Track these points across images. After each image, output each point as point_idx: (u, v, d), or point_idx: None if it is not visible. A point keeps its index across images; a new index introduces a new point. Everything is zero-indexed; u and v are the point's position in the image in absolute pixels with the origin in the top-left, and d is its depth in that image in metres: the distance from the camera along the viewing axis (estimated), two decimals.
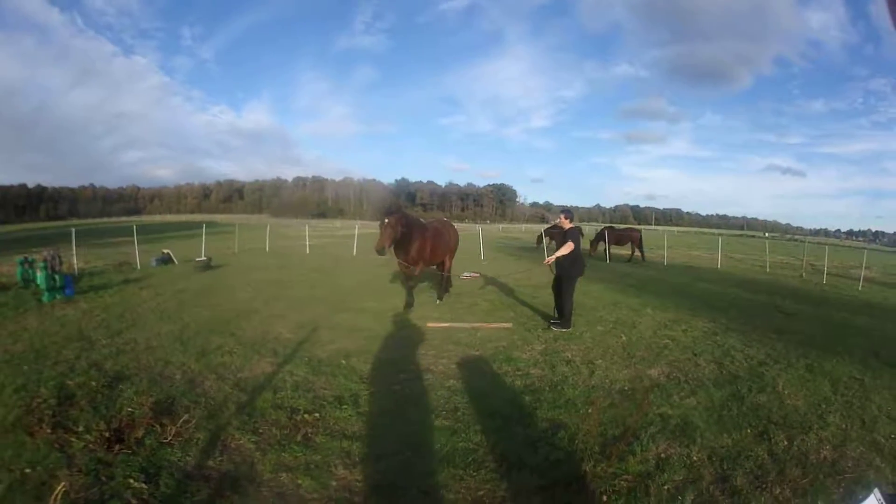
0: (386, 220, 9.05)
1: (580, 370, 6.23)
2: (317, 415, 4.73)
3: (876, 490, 1.55)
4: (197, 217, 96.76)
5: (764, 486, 3.66)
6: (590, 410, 4.76)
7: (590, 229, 41.56)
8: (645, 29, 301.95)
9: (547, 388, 5.55)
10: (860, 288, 19.03)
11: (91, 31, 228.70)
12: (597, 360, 6.66)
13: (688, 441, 4.29)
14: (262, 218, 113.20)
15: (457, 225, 12.93)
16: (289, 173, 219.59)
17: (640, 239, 25.02)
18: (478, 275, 15.13)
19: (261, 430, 4.38)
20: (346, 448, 4.12)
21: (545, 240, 23.52)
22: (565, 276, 8.45)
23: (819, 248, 40.41)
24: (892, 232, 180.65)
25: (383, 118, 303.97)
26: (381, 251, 8.96)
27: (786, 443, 4.39)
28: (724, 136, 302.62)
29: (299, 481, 3.63)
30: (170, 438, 4.10)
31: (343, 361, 6.39)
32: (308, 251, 25.37)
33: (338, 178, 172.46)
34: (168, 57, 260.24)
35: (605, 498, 3.36)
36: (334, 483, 3.61)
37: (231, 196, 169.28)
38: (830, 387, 6.00)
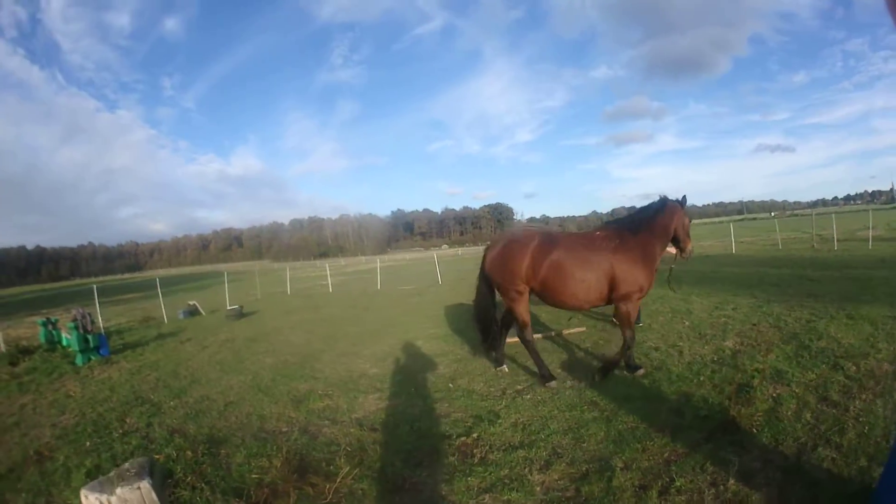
0: None
1: (670, 353, 7.95)
2: (474, 435, 5.38)
3: None
4: (199, 269, 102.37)
5: (852, 395, 5.58)
6: (701, 379, 6.54)
7: None
8: (618, 29, 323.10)
9: (654, 371, 7.11)
10: (871, 247, 23.21)
11: (73, 87, 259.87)
12: (678, 343, 8.45)
13: (786, 381, 6.14)
14: (264, 264, 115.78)
15: (458, 250, 14.67)
16: (284, 216, 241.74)
17: None
18: None
19: (426, 463, 4.84)
20: (527, 455, 4.86)
21: None
22: None
23: (823, 218, 45.45)
24: (887, 189, 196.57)
25: (372, 150, 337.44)
26: None
27: (854, 368, 6.38)
28: (711, 124, 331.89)
29: (505, 497, 4.18)
30: (329, 497, 4.27)
31: (451, 385, 7.35)
32: (331, 290, 27.06)
33: (334, 216, 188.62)
34: (151, 109, 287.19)
35: (755, 430, 4.93)
36: (538, 488, 4.27)
37: (230, 244, 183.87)
38: (871, 326, 8.23)
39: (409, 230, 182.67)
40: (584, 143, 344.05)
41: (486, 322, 7.95)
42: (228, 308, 18.52)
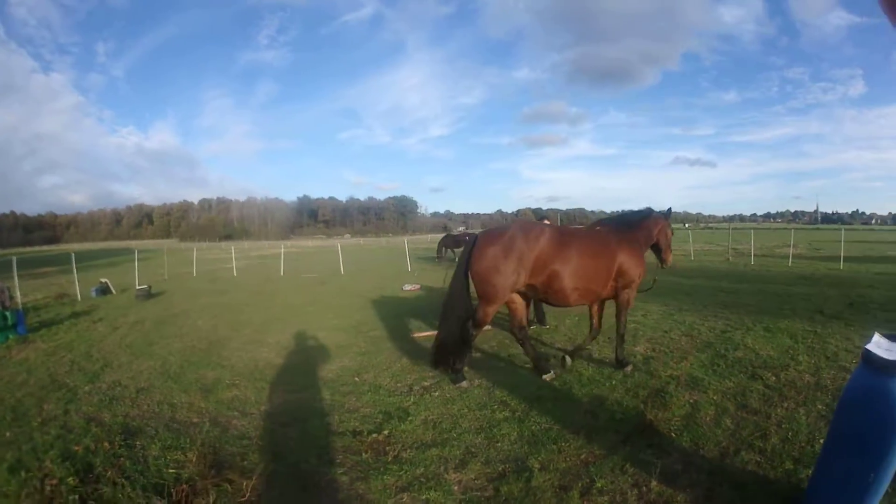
0: None
1: (579, 356, 7.93)
2: (385, 432, 5.37)
3: (876, 334, 3.53)
4: (112, 244, 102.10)
5: (773, 403, 5.84)
6: (613, 383, 6.71)
7: None
8: (547, 33, 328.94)
9: (565, 372, 7.24)
10: (790, 263, 24.65)
11: (13, 44, 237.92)
12: (587, 346, 8.44)
13: (702, 389, 6.35)
14: (172, 243, 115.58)
15: (360, 240, 14.86)
16: (194, 195, 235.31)
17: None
18: (418, 287, 17.72)
19: (340, 461, 4.79)
20: (441, 454, 4.86)
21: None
22: None
23: (740, 233, 48.16)
24: (812, 210, 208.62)
25: (284, 134, 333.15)
26: None
27: (774, 378, 6.70)
28: (629, 133, 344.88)
29: (423, 496, 4.16)
30: (247, 495, 4.11)
31: (357, 379, 7.38)
32: (236, 273, 27.24)
33: (241, 198, 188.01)
34: (82, 75, 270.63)
35: (673, 434, 5.09)
36: (455, 487, 4.28)
37: (141, 221, 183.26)
38: (790, 339, 8.70)
39: (313, 217, 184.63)
40: (497, 142, 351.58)
41: (464, 329, 6.96)
42: (138, 288, 18.56)
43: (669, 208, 8.17)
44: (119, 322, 12.83)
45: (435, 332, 7.83)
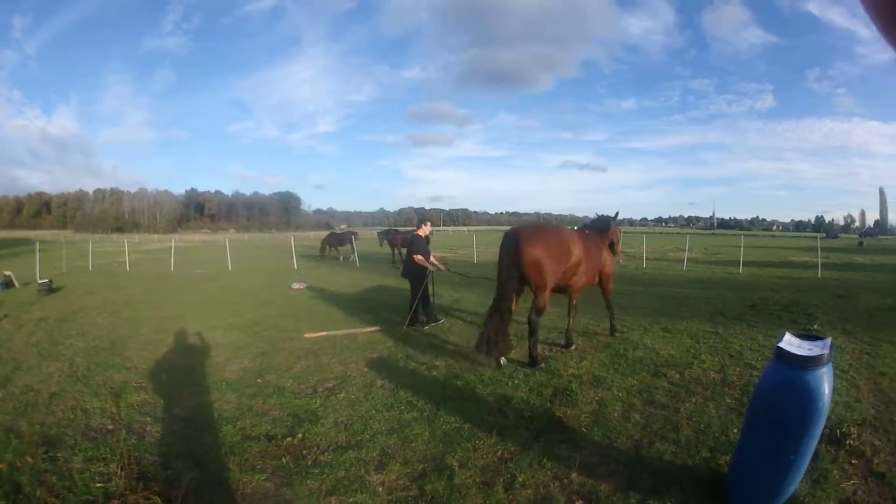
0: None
1: (477, 356, 8.29)
2: (299, 436, 5.44)
3: (787, 333, 4.07)
4: (12, 234, 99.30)
5: (680, 398, 6.40)
6: (516, 382, 7.10)
7: (373, 234, 47.73)
8: (443, 33, 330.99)
9: (466, 373, 7.57)
10: (685, 268, 26.21)
11: None
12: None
13: (606, 386, 6.87)
14: (67, 234, 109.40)
15: (245, 236, 14.97)
16: (90, 184, 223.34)
17: (353, 240, 31.75)
18: (305, 285, 17.95)
19: (259, 466, 4.82)
20: (358, 456, 4.98)
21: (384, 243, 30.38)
22: (418, 278, 10.81)
23: (631, 237, 49.95)
24: (707, 217, 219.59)
25: (177, 124, 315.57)
26: None
27: (678, 376, 7.29)
28: (518, 136, 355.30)
29: (351, 499, 4.28)
30: None
31: (259, 380, 7.45)
32: (129, 268, 26.69)
33: (133, 189, 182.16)
34: None
35: (584, 429, 5.49)
36: (380, 489, 4.42)
37: (40, 210, 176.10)
38: (691, 340, 9.47)
39: (199, 211, 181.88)
40: (383, 140, 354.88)
41: (506, 318, 7.99)
42: (39, 282, 17.99)
43: (617, 213, 10.55)
44: (24, 319, 12.45)
45: (325, 333, 9.80)
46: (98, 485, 4.43)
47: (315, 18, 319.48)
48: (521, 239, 7.92)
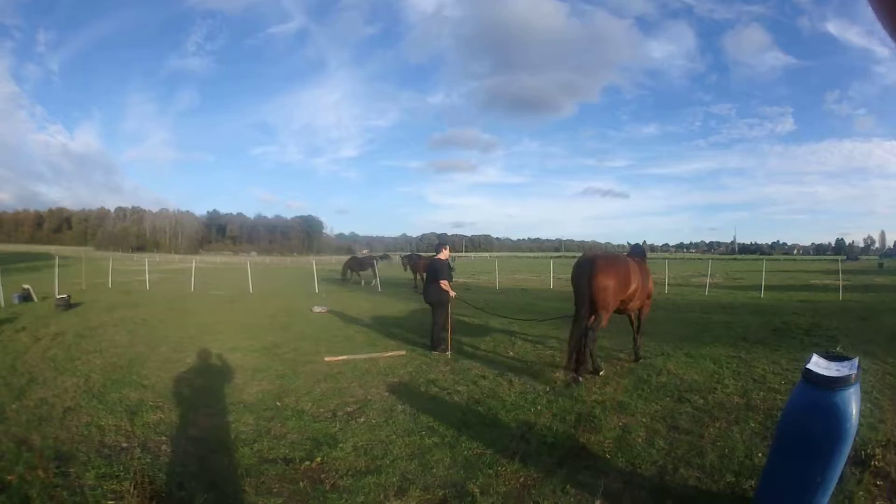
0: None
1: (500, 382, 8.46)
2: (318, 459, 5.39)
3: (814, 354, 4.09)
4: (33, 248, 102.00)
5: (704, 423, 6.29)
6: (539, 408, 7.03)
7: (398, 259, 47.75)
8: (467, 61, 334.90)
9: (487, 398, 7.55)
10: (707, 293, 26.36)
11: None
12: (506, 373, 9.00)
13: (630, 412, 6.79)
14: (88, 251, 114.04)
15: (266, 259, 15.11)
16: (110, 202, 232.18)
17: (375, 265, 32.02)
18: (326, 309, 18.01)
19: (276, 489, 4.79)
20: (377, 481, 4.93)
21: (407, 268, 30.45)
22: (441, 303, 10.87)
23: (653, 263, 49.67)
24: (728, 241, 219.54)
25: (200, 145, 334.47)
26: None
27: (702, 401, 7.19)
28: (541, 162, 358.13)
29: None
30: None
31: (278, 403, 7.40)
32: (148, 287, 27.30)
33: (154, 208, 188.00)
34: (21, 63, 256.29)
35: (608, 455, 5.43)
36: None
37: (61, 226, 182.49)
38: (714, 365, 9.36)
39: (221, 232, 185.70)
40: (406, 165, 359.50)
41: (589, 336, 8.85)
42: (57, 297, 18.34)
43: (644, 241, 10.70)
44: (41, 333, 12.65)
45: (346, 357, 10.01)
46: (110, 502, 4.46)
47: (340, 43, 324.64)
48: (595, 267, 8.85)
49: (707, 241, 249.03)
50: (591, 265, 8.90)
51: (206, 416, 6.84)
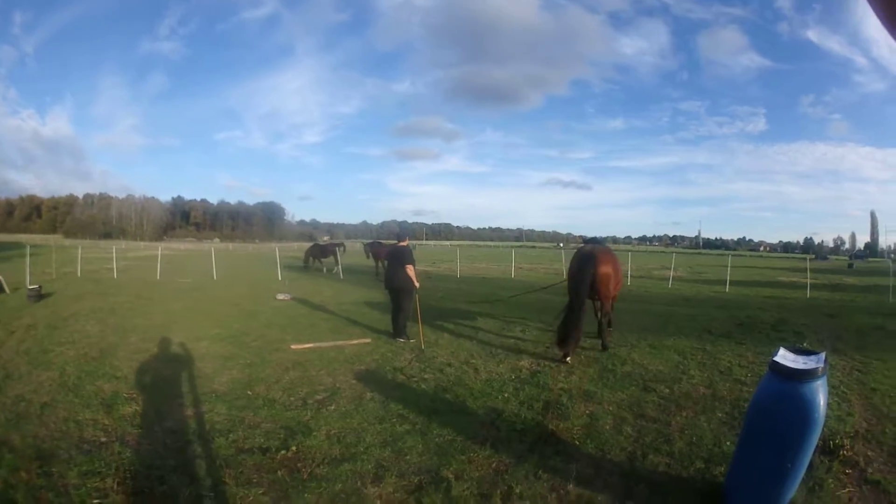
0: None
1: (465, 370, 8.67)
2: (293, 448, 5.41)
3: (781, 348, 4.27)
4: (3, 237, 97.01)
5: (671, 412, 6.54)
6: (506, 395, 7.25)
7: (358, 245, 48.07)
8: (436, 50, 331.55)
9: (454, 386, 7.72)
10: (670, 285, 26.83)
11: None
12: (471, 360, 9.27)
13: (597, 401, 7.03)
14: (57, 239, 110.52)
15: (229, 245, 15.15)
16: (79, 189, 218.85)
17: (337, 252, 31.94)
18: (290, 296, 18.17)
19: (255, 480, 4.80)
20: (354, 469, 4.99)
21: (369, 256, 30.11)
22: (406, 289, 11.03)
23: (616, 255, 50.64)
24: (692, 236, 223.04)
25: (167, 130, 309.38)
26: None
27: (668, 391, 7.44)
28: (503, 153, 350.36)
29: None
30: None
31: (249, 392, 7.40)
32: (116, 275, 26.74)
33: (121, 195, 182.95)
34: None
35: (577, 442, 5.62)
36: (378, 502, 4.46)
37: (31, 214, 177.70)
38: (678, 356, 9.66)
39: (185, 219, 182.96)
40: (369, 153, 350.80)
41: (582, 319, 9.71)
42: (29, 288, 18.01)
43: (598, 235, 11.42)
44: (14, 325, 12.42)
45: (312, 345, 10.32)
46: (95, 501, 4.41)
47: (310, 29, 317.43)
48: (598, 258, 9.86)
49: (671, 235, 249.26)
50: (593, 257, 9.81)
51: (180, 407, 6.81)
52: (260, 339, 11.01)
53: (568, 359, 9.28)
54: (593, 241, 11.84)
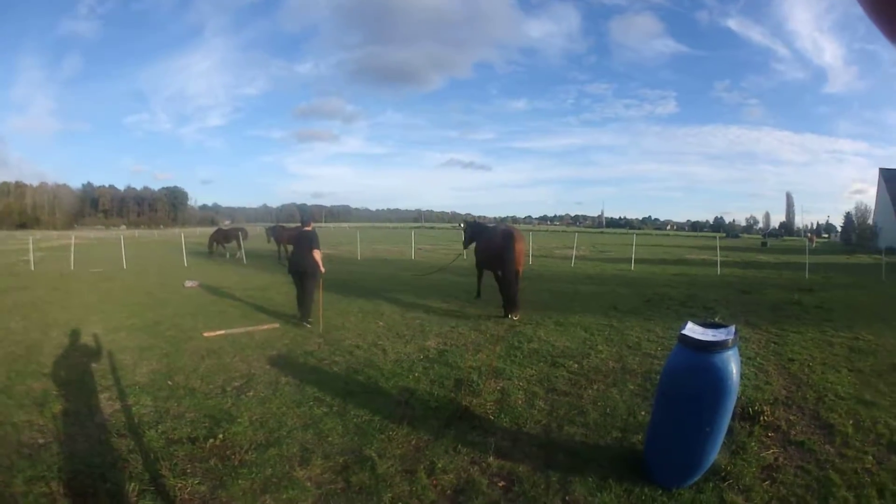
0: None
1: (374, 351, 8.98)
2: (220, 436, 5.46)
3: (689, 322, 4.63)
4: None
5: (582, 386, 7.05)
6: (416, 374, 7.63)
7: (260, 230, 48.27)
8: (340, 31, 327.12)
9: (365, 368, 7.99)
10: (573, 264, 27.54)
11: None
12: (378, 342, 9.58)
13: (506, 377, 7.48)
14: None
15: (135, 232, 14.99)
16: None
17: (240, 237, 31.66)
18: (198, 283, 18.14)
19: (190, 470, 4.87)
20: (280, 453, 5.16)
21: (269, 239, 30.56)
22: (313, 273, 11.23)
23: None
24: (595, 216, 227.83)
25: (79, 115, 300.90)
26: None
27: (577, 366, 7.95)
28: (402, 133, 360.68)
29: (284, 496, 4.45)
30: None
31: (170, 382, 7.43)
32: (33, 267, 25.82)
33: (35, 182, 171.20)
34: None
35: (491, 417, 5.99)
36: (308, 484, 4.61)
37: None
38: (585, 332, 10.21)
39: (94, 206, 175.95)
40: (270, 135, 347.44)
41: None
42: None
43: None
44: None
45: (224, 332, 10.44)
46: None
47: (220, 8, 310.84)
48: (514, 237, 12.16)
49: (573, 215, 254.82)
50: (511, 236, 12.18)
51: (107, 402, 6.77)
52: (173, 327, 10.95)
53: (517, 317, 11.55)
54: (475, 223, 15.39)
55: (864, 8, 0.68)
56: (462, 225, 15.73)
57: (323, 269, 11.31)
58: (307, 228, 11.63)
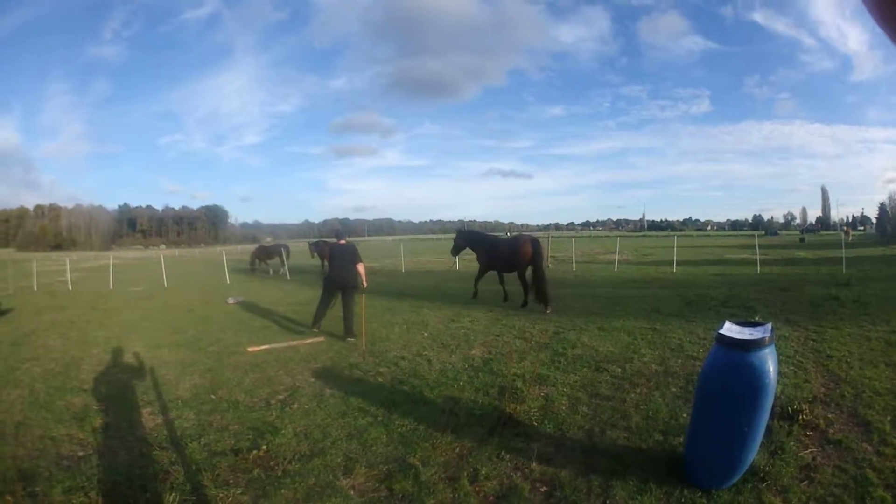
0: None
1: (419, 362, 8.96)
2: (264, 448, 5.53)
3: (726, 321, 4.64)
4: None
5: (625, 390, 6.90)
6: (461, 384, 7.53)
7: (302, 246, 46.99)
8: (372, 45, 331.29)
9: (410, 378, 7.99)
10: (616, 269, 27.43)
11: None
12: (424, 353, 9.54)
13: (550, 383, 7.38)
14: (10, 253, 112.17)
15: (175, 251, 15.35)
16: (29, 200, 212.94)
17: (283, 253, 32.13)
18: (240, 300, 18.37)
19: (232, 481, 4.92)
20: (324, 463, 5.18)
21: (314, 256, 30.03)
22: (356, 287, 11.36)
23: (559, 241, 51.73)
24: (637, 219, 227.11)
25: (111, 137, 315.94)
26: None
27: (620, 370, 7.81)
28: (442, 145, 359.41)
29: None
30: None
31: (213, 396, 7.53)
32: (71, 287, 26.58)
33: (69, 204, 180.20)
34: None
35: (535, 423, 5.94)
36: (351, 492, 4.63)
37: None
38: (629, 337, 10.03)
39: (132, 227, 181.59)
40: (308, 151, 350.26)
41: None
42: None
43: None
44: None
45: (268, 347, 10.57)
46: None
47: (248, 27, 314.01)
48: (537, 243, 14.67)
49: (615, 219, 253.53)
50: (536, 243, 14.66)
51: (149, 416, 6.88)
52: (216, 343, 11.07)
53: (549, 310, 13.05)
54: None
55: (869, 10, 0.71)
56: (508, 234, 17.20)
57: (365, 284, 11.40)
58: (341, 242, 11.83)
